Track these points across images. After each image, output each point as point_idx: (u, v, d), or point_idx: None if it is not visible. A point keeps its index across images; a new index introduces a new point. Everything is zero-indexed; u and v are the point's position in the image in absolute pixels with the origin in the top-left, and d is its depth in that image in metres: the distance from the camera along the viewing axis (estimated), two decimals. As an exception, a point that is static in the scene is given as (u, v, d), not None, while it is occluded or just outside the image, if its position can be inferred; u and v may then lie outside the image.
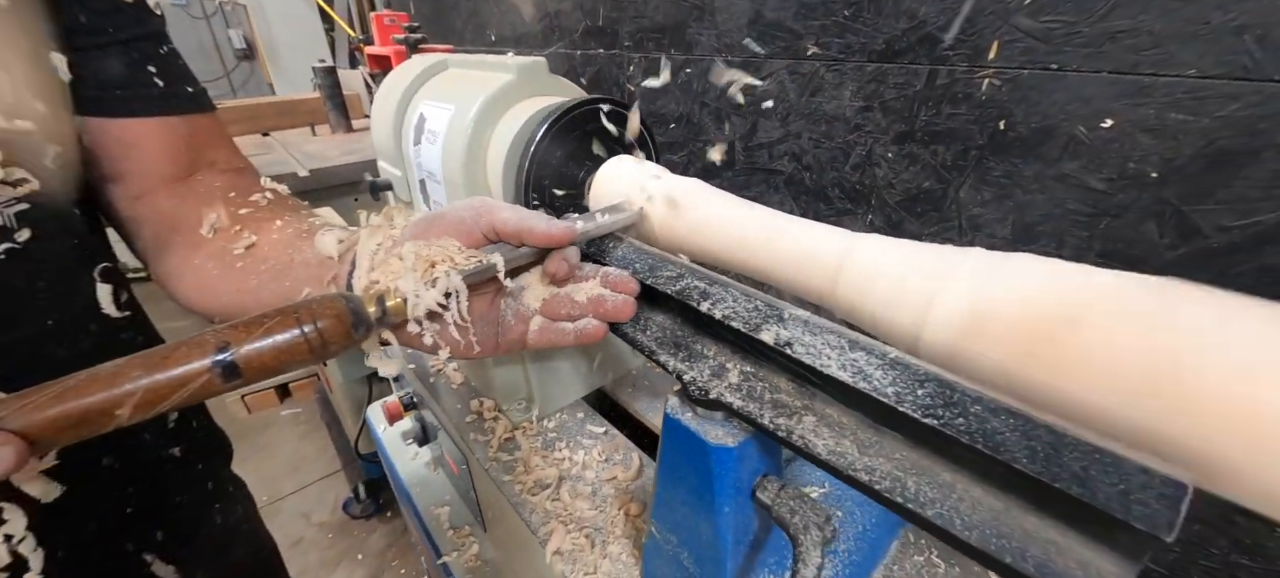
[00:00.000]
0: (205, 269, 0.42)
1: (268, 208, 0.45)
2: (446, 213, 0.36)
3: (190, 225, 0.43)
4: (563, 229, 0.35)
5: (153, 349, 0.26)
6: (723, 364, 0.33)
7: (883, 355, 0.25)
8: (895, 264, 0.28)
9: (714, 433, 0.32)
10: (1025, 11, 0.62)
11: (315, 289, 0.39)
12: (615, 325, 0.37)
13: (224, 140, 0.48)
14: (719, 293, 0.32)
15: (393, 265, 0.32)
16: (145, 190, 0.43)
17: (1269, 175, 0.51)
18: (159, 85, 0.41)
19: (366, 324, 0.31)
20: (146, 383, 0.25)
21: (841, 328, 0.28)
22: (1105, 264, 0.62)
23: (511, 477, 0.56)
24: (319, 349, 0.29)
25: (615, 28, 1.22)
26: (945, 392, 0.23)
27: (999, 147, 0.68)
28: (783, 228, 0.35)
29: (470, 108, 0.52)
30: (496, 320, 0.38)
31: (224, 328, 0.28)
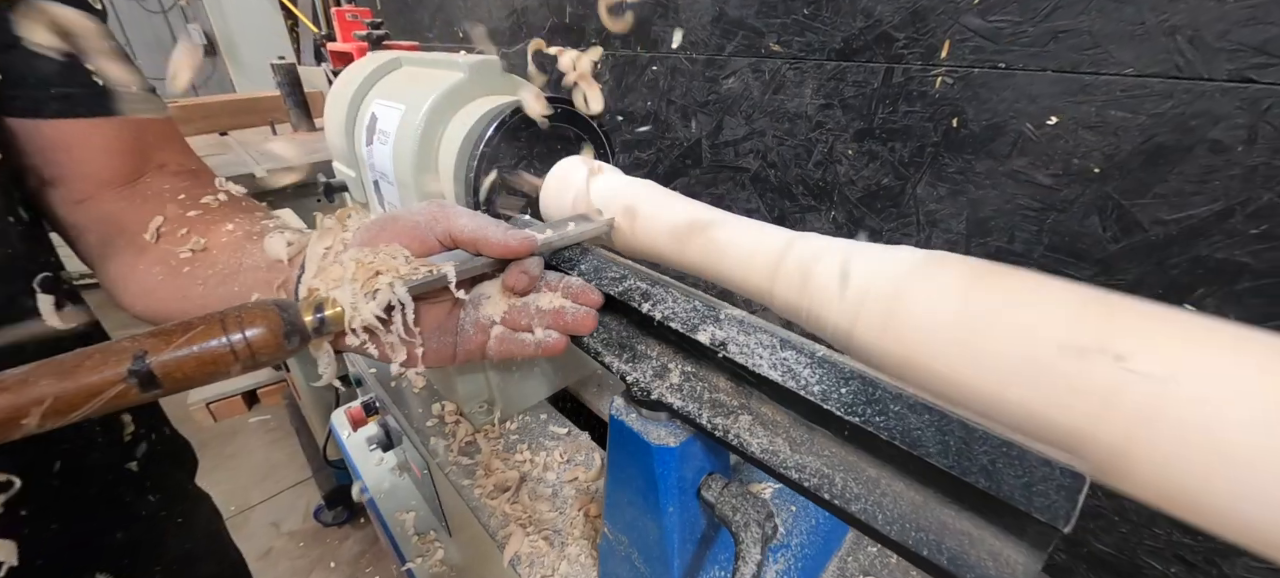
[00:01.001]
0: (150, 274, 0.40)
1: (219, 210, 0.43)
2: (401, 217, 0.34)
3: (135, 230, 0.41)
4: (520, 241, 0.34)
5: (65, 356, 0.25)
6: (665, 365, 0.33)
7: (811, 354, 0.26)
8: (827, 264, 0.29)
9: (657, 434, 0.32)
10: (974, 11, 0.64)
11: (264, 294, 0.37)
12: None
13: (174, 141, 0.46)
14: (660, 294, 0.32)
15: (334, 272, 0.31)
16: (87, 194, 0.41)
17: (1201, 170, 0.54)
18: (98, 84, 0.39)
19: (301, 334, 0.30)
20: (56, 391, 0.24)
21: (775, 327, 0.28)
22: (1053, 258, 0.64)
23: (471, 481, 0.56)
24: (247, 360, 0.28)
25: (582, 25, 1.21)
26: (868, 389, 0.23)
27: (953, 144, 0.70)
28: (724, 227, 0.35)
29: (420, 107, 0.51)
30: (455, 329, 0.37)
31: (143, 335, 0.27)
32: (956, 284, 0.24)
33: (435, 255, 0.34)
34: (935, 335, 0.24)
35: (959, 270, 0.25)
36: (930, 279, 0.25)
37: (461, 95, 0.53)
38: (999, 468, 0.20)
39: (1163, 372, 0.19)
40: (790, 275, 0.30)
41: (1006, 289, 0.23)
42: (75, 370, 0.24)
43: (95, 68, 0.39)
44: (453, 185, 0.50)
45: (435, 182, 0.53)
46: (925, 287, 0.25)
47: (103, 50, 0.40)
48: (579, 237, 0.38)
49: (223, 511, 0.64)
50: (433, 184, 0.53)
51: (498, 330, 0.36)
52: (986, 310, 0.23)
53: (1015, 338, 0.22)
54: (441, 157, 0.52)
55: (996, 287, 0.24)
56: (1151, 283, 0.59)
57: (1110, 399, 0.20)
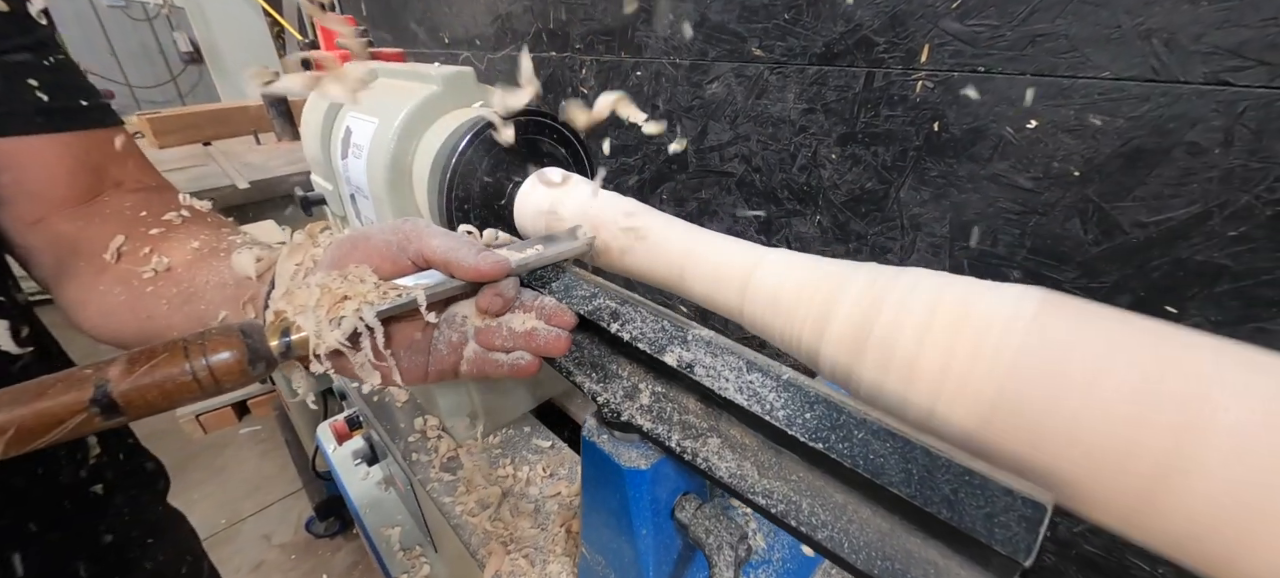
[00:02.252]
0: (110, 295, 0.39)
1: (183, 227, 0.42)
2: (372, 236, 0.33)
3: (93, 250, 0.39)
4: (493, 264, 0.32)
5: (25, 384, 0.25)
6: (636, 385, 0.32)
7: (778, 377, 0.25)
8: (794, 282, 0.28)
9: (628, 456, 0.31)
10: (953, 15, 0.64)
11: (231, 312, 0.36)
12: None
13: (131, 156, 0.45)
14: (629, 313, 0.32)
15: (301, 295, 0.30)
16: (40, 215, 0.39)
17: (1179, 173, 0.54)
18: (43, 100, 0.38)
19: (267, 360, 0.29)
20: (17, 419, 0.23)
21: (742, 349, 0.27)
22: (1036, 260, 0.64)
23: (453, 498, 0.55)
24: (210, 387, 0.27)
25: (566, 31, 1.21)
26: (833, 415, 0.23)
27: (934, 147, 0.70)
28: (696, 245, 0.34)
29: (393, 121, 0.50)
30: (427, 348, 0.36)
31: (106, 363, 0.26)
32: (925, 304, 0.24)
33: (408, 276, 0.34)
34: (902, 359, 0.24)
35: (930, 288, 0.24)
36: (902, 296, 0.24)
37: (435, 108, 0.52)
38: (961, 498, 0.19)
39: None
40: (757, 296, 0.30)
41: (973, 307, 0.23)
42: (37, 398, 0.23)
43: (39, 82, 0.38)
44: (426, 200, 0.50)
45: (410, 195, 0.52)
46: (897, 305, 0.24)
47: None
48: (557, 256, 0.37)
49: (214, 523, 0.63)
50: (407, 198, 0.53)
51: (471, 350, 0.36)
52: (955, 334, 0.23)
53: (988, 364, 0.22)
54: (415, 170, 0.51)
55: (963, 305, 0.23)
56: (1133, 285, 0.59)
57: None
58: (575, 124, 0.44)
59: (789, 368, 0.26)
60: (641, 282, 0.39)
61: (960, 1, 0.63)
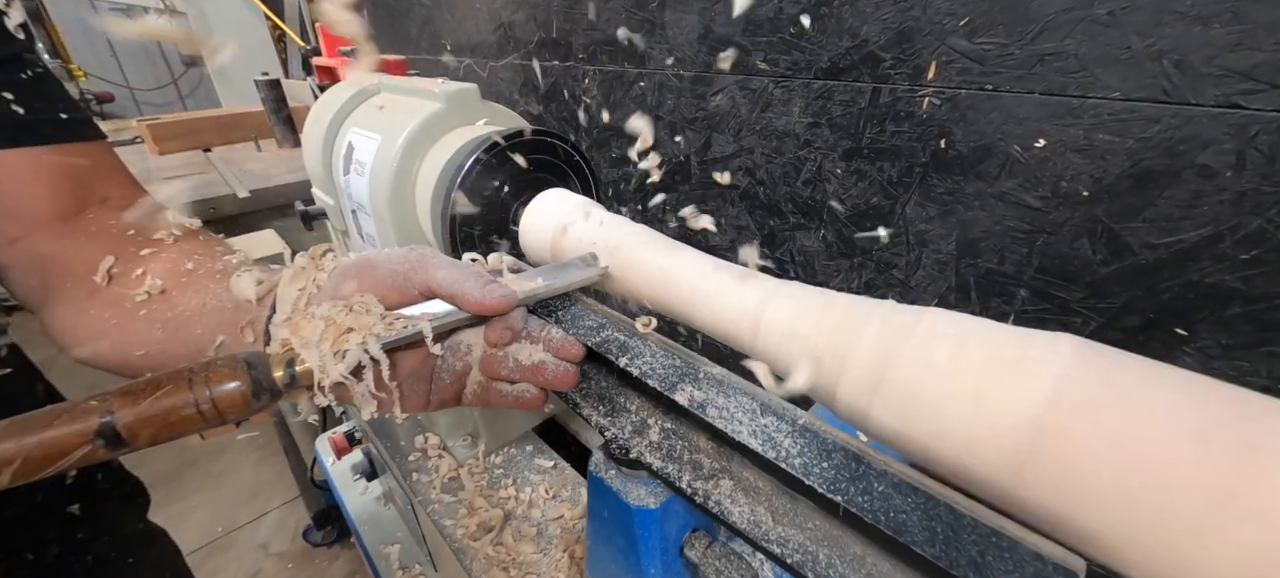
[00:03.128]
0: (102, 319, 0.38)
1: (175, 246, 0.41)
2: (378, 265, 0.32)
3: (82, 271, 0.38)
4: (499, 298, 0.31)
5: (30, 414, 0.24)
6: (645, 420, 0.32)
7: (793, 422, 0.25)
8: (810, 320, 0.28)
9: (636, 493, 0.31)
10: (960, 33, 0.63)
11: (230, 338, 0.36)
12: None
13: (116, 173, 0.44)
14: (638, 347, 0.31)
15: (306, 326, 0.29)
16: (19, 233, 0.38)
17: (1189, 195, 0.53)
18: (17, 113, 0.36)
19: (271, 391, 0.28)
20: (23, 451, 0.23)
21: (755, 389, 0.27)
22: (1044, 280, 0.63)
23: (454, 521, 0.54)
24: (213, 419, 0.27)
25: (569, 40, 1.20)
26: (852, 465, 0.22)
27: (941, 164, 0.69)
28: (706, 277, 0.34)
29: (396, 139, 0.50)
30: (430, 377, 0.35)
31: (111, 393, 0.25)
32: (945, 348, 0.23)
33: (413, 305, 0.33)
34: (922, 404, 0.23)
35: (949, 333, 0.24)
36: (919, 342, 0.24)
37: (439, 126, 0.51)
38: (988, 561, 0.19)
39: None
40: (770, 332, 0.29)
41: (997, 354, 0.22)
42: (43, 429, 0.23)
43: (14, 95, 0.37)
44: (429, 220, 0.49)
45: (413, 214, 0.52)
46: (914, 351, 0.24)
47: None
48: (567, 287, 0.36)
49: (210, 531, 0.62)
50: (410, 216, 0.52)
51: (474, 378, 0.35)
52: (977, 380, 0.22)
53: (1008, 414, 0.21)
54: (418, 189, 0.51)
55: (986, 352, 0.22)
56: (1142, 306, 0.59)
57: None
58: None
59: (804, 411, 0.25)
60: (645, 309, 0.39)
61: (968, 19, 0.62)
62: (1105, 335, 0.62)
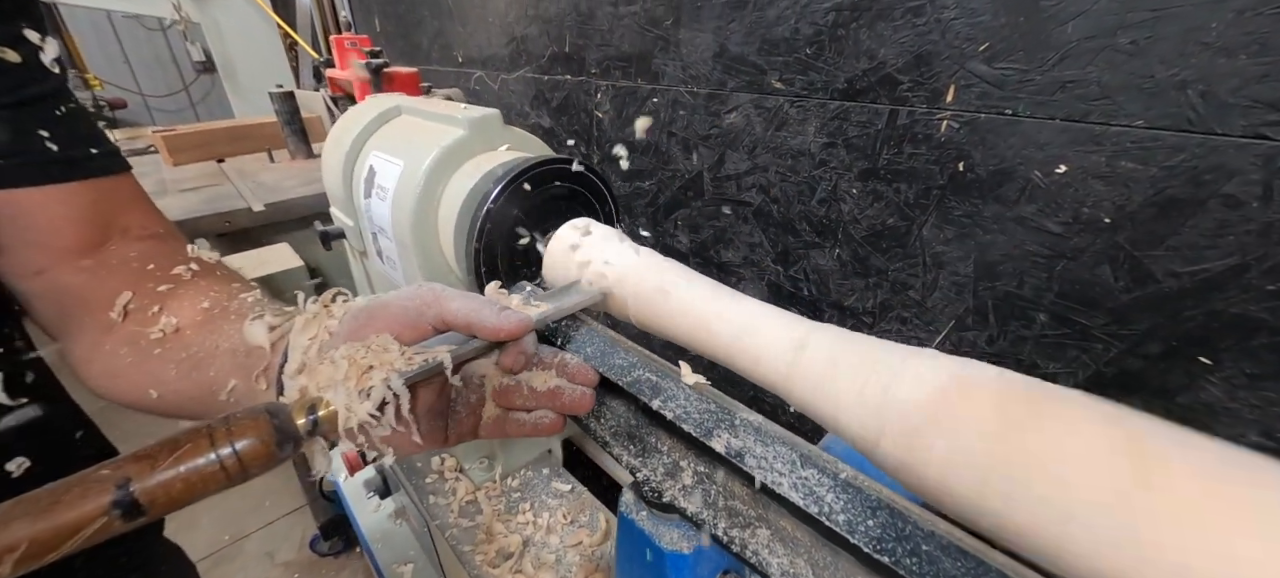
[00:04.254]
0: (117, 356, 0.38)
1: (191, 282, 0.41)
2: (390, 304, 0.33)
3: (100, 305, 0.38)
4: (517, 322, 0.32)
5: (40, 492, 0.24)
6: (677, 462, 0.31)
7: (835, 475, 0.24)
8: (848, 367, 0.27)
9: (669, 537, 0.30)
10: (980, 57, 0.63)
11: (241, 382, 0.36)
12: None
13: (138, 203, 0.44)
14: (671, 389, 0.31)
15: (325, 371, 0.29)
16: (44, 265, 0.38)
17: (1214, 225, 0.53)
18: (52, 150, 0.37)
19: (294, 440, 0.28)
20: (31, 534, 0.22)
21: (794, 439, 0.27)
22: (1064, 305, 0.63)
23: (473, 546, 0.54)
24: (237, 475, 0.26)
25: (582, 55, 1.21)
26: (897, 523, 0.22)
27: (959, 187, 0.69)
28: (737, 314, 0.33)
29: (420, 166, 0.50)
30: (446, 411, 0.35)
31: (125, 459, 0.25)
32: (990, 411, 0.23)
33: (428, 339, 0.33)
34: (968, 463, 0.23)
35: (992, 394, 0.23)
36: (965, 399, 0.24)
37: (462, 152, 0.51)
38: (1044, 633, 0.18)
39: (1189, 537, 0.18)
40: (806, 377, 0.29)
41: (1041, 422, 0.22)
42: (52, 508, 0.22)
43: (50, 133, 0.37)
44: (452, 247, 0.49)
45: (435, 239, 0.52)
46: (959, 409, 0.23)
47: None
48: (572, 308, 0.37)
49: (217, 540, 0.62)
50: (433, 241, 0.52)
51: (491, 409, 0.35)
52: (1022, 448, 0.22)
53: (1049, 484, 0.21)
54: (441, 214, 0.51)
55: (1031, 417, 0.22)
56: (1165, 334, 0.58)
57: (1143, 557, 0.19)
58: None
59: (845, 465, 0.25)
60: (672, 342, 0.39)
61: (988, 44, 0.62)
62: (1127, 362, 0.62)
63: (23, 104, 0.35)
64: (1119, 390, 0.63)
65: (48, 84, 0.37)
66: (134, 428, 0.52)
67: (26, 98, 0.35)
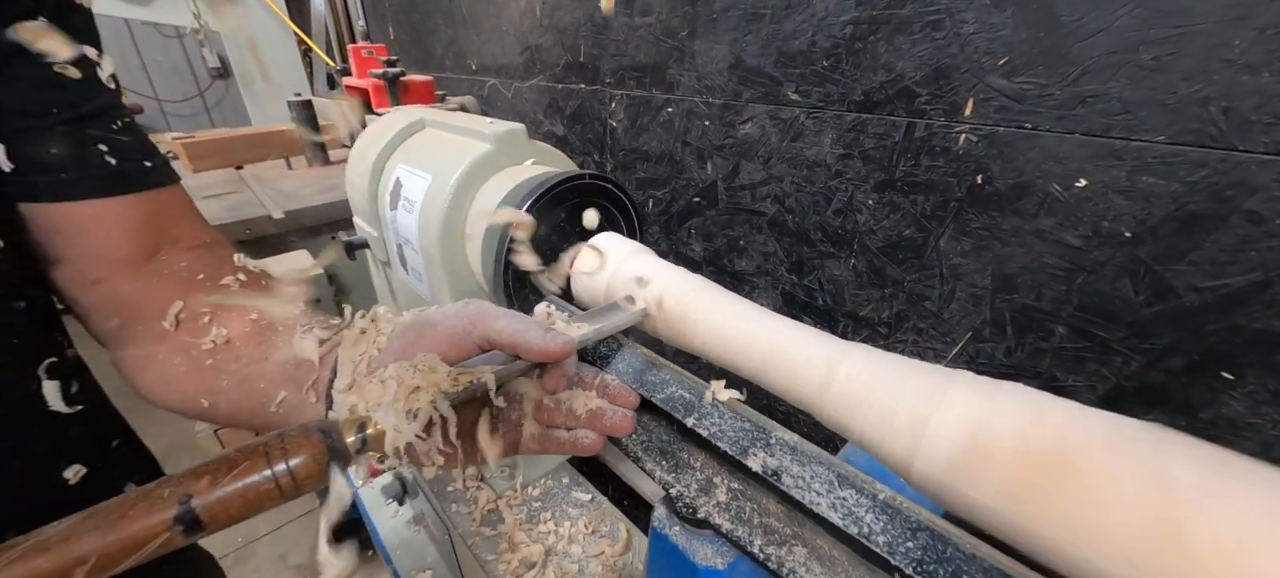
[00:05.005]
0: (171, 365, 0.39)
1: (240, 292, 0.42)
2: (438, 323, 0.33)
3: (153, 314, 0.40)
4: (562, 345, 0.32)
5: (107, 506, 0.25)
6: (711, 478, 0.32)
7: (873, 497, 0.25)
8: (884, 387, 0.28)
9: (703, 552, 0.31)
10: (999, 72, 0.63)
11: (291, 394, 0.36)
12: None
13: (188, 213, 0.45)
14: (705, 406, 0.32)
15: (374, 390, 0.30)
16: (101, 276, 0.39)
17: (1237, 240, 0.53)
18: (110, 164, 0.38)
19: (345, 458, 0.29)
20: (99, 548, 0.23)
21: (830, 458, 0.27)
22: (1083, 318, 0.63)
23: (495, 556, 0.55)
24: (290, 491, 0.27)
25: (597, 64, 1.22)
26: (938, 546, 0.23)
27: (977, 200, 0.69)
28: (770, 333, 0.34)
29: (448, 180, 0.51)
30: (488, 428, 0.36)
31: (185, 476, 0.26)
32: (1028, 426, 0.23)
33: (472, 358, 0.34)
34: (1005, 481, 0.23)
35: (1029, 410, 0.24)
36: (1000, 419, 0.24)
37: (488, 166, 0.52)
38: (1090, 659, 0.19)
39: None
40: (840, 396, 0.29)
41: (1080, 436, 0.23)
42: (118, 523, 0.23)
43: (108, 146, 0.38)
44: (479, 262, 0.50)
45: (462, 252, 0.53)
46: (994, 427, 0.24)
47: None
48: (614, 328, 0.37)
49: (230, 542, 0.63)
50: (459, 254, 0.53)
51: (530, 427, 0.36)
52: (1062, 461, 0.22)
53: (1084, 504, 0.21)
54: (469, 228, 0.52)
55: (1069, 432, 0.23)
56: (1187, 349, 0.58)
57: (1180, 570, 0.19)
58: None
59: (883, 486, 0.25)
60: (702, 358, 0.39)
61: (1007, 59, 0.62)
62: (1148, 376, 0.61)
63: (82, 119, 0.36)
64: (1140, 405, 0.63)
65: (105, 99, 0.38)
66: (155, 433, 0.53)
67: (86, 113, 0.36)
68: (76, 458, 0.38)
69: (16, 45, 0.33)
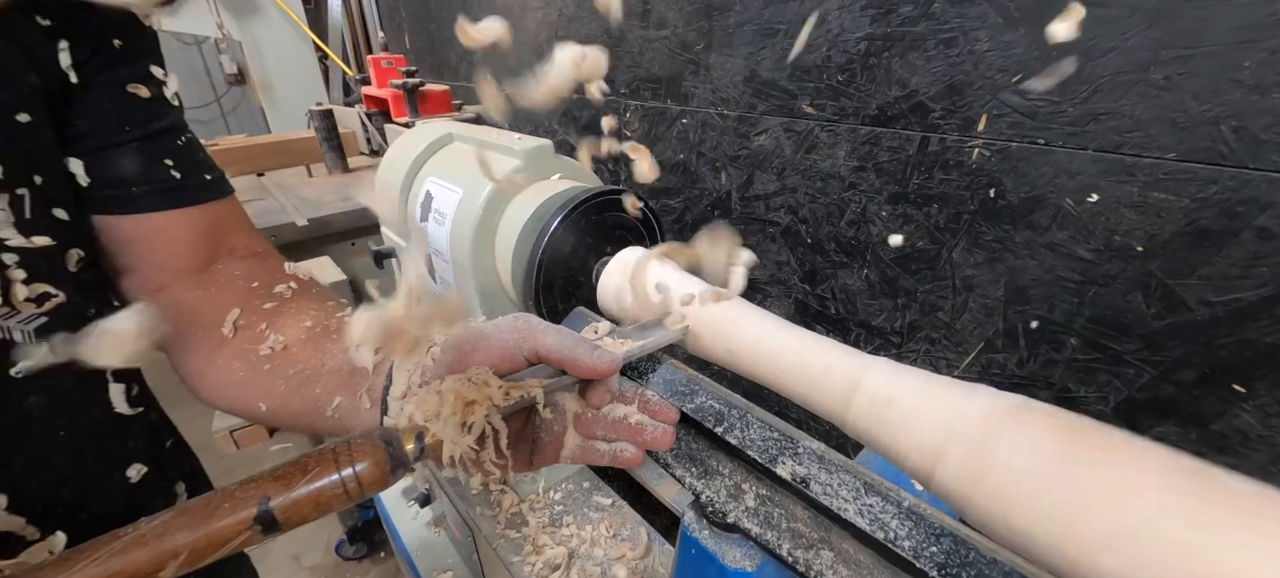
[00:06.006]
0: (230, 370, 0.41)
1: (293, 300, 0.44)
2: (490, 337, 0.34)
3: (212, 321, 0.42)
4: (608, 363, 0.33)
5: (195, 504, 0.26)
6: (739, 484, 0.34)
7: (898, 503, 0.26)
8: (906, 399, 0.29)
9: (732, 555, 0.33)
10: (1012, 89, 0.65)
11: (346, 399, 0.38)
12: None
13: (242, 224, 0.47)
14: (734, 417, 0.33)
15: (431, 402, 0.31)
16: (163, 283, 0.42)
17: (1248, 256, 0.54)
18: (175, 178, 0.41)
19: (404, 465, 0.30)
20: (190, 543, 0.25)
21: (856, 466, 0.29)
22: (1095, 330, 0.64)
23: (520, 557, 0.56)
24: (355, 494, 0.29)
25: (612, 76, 1.24)
26: (961, 551, 0.24)
27: (990, 213, 0.71)
28: (798, 346, 0.36)
29: (479, 194, 0.53)
30: (532, 439, 0.37)
31: (263, 478, 0.28)
32: (1048, 440, 0.25)
33: (520, 371, 0.35)
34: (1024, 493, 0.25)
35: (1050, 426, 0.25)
36: (1021, 431, 0.26)
37: (517, 181, 0.54)
38: (1106, 656, 0.20)
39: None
40: (864, 406, 0.31)
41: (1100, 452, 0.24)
42: (207, 520, 0.25)
43: (173, 161, 0.41)
44: (509, 270, 0.52)
45: (492, 264, 0.55)
46: (1015, 440, 0.25)
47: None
48: (655, 346, 0.38)
49: None
50: (489, 266, 0.55)
51: (572, 438, 0.37)
52: (1079, 475, 0.24)
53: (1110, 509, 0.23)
54: (498, 241, 0.54)
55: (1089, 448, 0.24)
56: (1198, 361, 0.59)
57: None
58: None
59: (907, 493, 0.27)
60: (733, 370, 0.41)
61: (1020, 75, 0.64)
62: (1160, 388, 0.62)
63: (151, 137, 0.39)
64: (1152, 416, 0.64)
65: (171, 117, 0.40)
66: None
67: (154, 131, 0.39)
68: (138, 457, 0.41)
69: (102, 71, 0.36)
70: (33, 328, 0.34)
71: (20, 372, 0.33)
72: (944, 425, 0.28)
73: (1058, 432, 0.25)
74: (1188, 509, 0.22)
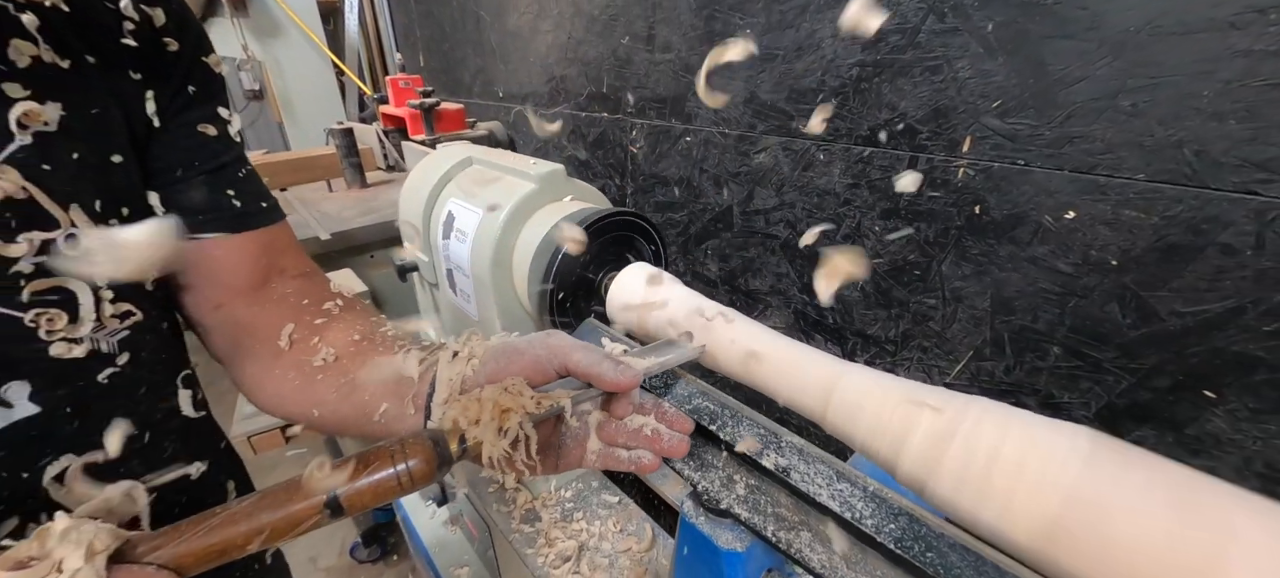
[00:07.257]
0: (286, 379, 0.45)
1: (340, 316, 0.48)
2: (524, 351, 0.38)
3: (268, 334, 0.46)
4: (631, 378, 0.37)
5: (275, 489, 0.31)
6: (731, 476, 0.38)
7: (864, 489, 0.31)
8: (876, 399, 0.34)
9: (725, 538, 0.37)
10: (993, 113, 0.69)
11: (392, 405, 0.42)
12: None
13: (292, 246, 0.52)
14: (726, 417, 0.38)
15: (471, 408, 0.35)
16: (222, 301, 0.47)
17: (1212, 270, 0.58)
18: (236, 206, 0.45)
19: (448, 463, 0.35)
20: (273, 522, 0.30)
21: (829, 457, 0.33)
22: (1075, 339, 0.68)
23: (534, 549, 0.61)
24: (407, 487, 0.33)
25: (619, 95, 1.30)
26: (915, 527, 0.28)
27: (975, 228, 0.75)
28: (784, 355, 0.40)
29: (499, 216, 0.58)
30: (557, 445, 0.41)
31: (331, 468, 0.32)
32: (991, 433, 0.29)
33: (550, 383, 0.39)
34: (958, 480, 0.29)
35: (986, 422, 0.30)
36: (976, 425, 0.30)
37: (532, 202, 0.59)
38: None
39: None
40: (839, 407, 0.35)
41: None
42: (285, 504, 0.30)
43: (235, 190, 0.46)
44: (525, 285, 0.57)
45: (510, 280, 0.60)
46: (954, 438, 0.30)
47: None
48: (675, 363, 0.42)
49: None
50: (508, 282, 0.60)
51: (595, 445, 0.40)
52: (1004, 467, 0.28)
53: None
54: (516, 259, 0.59)
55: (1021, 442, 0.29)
56: (1171, 369, 0.63)
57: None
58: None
59: (872, 480, 0.31)
60: (728, 377, 0.45)
61: (1001, 101, 0.68)
62: (1137, 394, 0.66)
63: (216, 170, 0.44)
64: (1131, 421, 0.67)
65: (234, 152, 0.46)
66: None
67: (219, 165, 0.44)
68: (200, 456, 0.46)
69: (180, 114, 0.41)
70: (117, 340, 0.39)
71: (104, 378, 0.38)
72: (906, 422, 0.32)
73: (1004, 426, 0.30)
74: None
